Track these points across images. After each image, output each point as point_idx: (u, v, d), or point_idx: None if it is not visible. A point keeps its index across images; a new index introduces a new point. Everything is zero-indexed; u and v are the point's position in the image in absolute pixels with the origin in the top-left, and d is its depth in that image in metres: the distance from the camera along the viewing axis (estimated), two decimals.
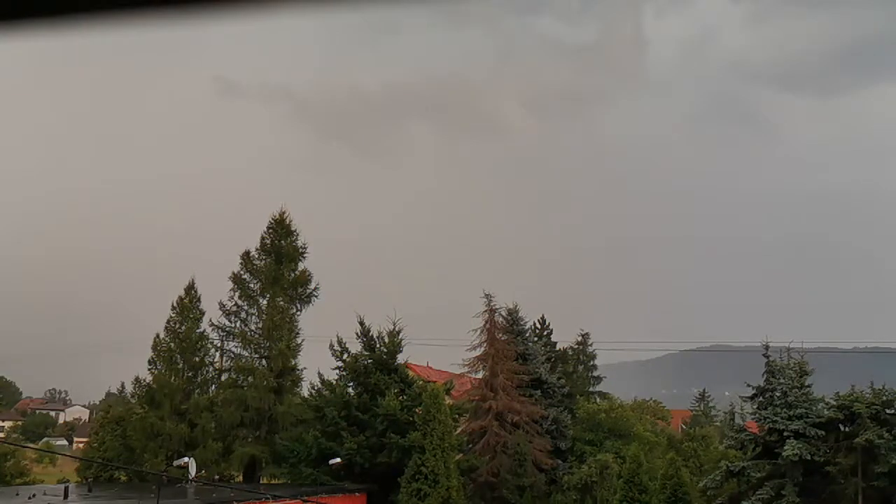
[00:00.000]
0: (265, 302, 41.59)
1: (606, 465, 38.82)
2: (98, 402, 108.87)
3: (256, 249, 42.24)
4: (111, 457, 40.70)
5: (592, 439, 44.73)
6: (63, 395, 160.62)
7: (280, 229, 42.49)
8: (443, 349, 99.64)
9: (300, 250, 42.57)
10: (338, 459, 35.51)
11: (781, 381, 35.05)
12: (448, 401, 37.75)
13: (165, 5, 2.14)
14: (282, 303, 41.55)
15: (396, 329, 39.71)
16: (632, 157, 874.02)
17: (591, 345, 58.19)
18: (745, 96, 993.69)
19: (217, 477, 38.95)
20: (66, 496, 30.74)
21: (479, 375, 43.09)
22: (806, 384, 35.17)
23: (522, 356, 44.28)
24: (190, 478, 34.11)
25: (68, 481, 37.69)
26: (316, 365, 41.93)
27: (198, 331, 41.51)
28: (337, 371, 40.44)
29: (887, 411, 33.05)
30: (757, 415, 35.81)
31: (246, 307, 41.70)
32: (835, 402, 33.94)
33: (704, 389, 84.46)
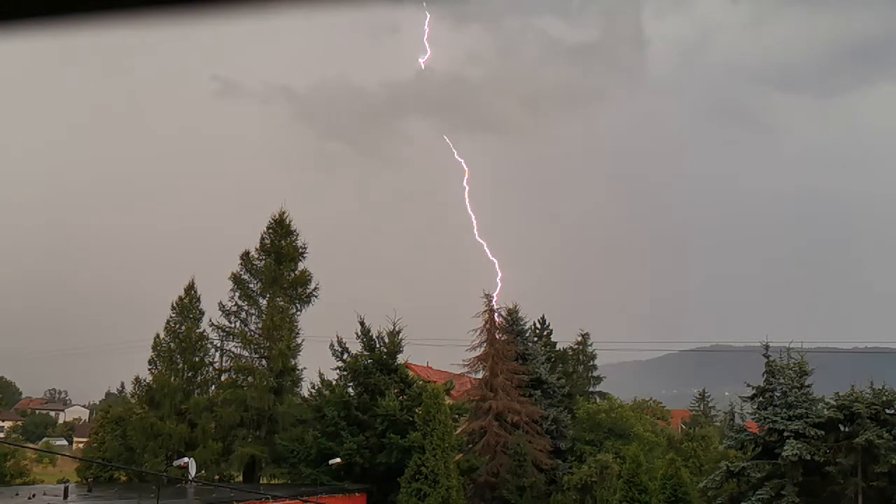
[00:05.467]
0: (265, 302, 41.54)
1: (606, 466, 38.80)
2: (98, 402, 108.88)
3: (256, 249, 42.22)
4: (111, 457, 40.68)
5: (592, 439, 44.70)
6: (63, 395, 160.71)
7: (280, 229, 42.44)
8: (443, 349, 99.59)
9: (300, 250, 42.53)
10: (338, 459, 35.50)
11: (781, 381, 35.02)
12: (448, 401, 37.71)
13: (165, 5, 2.14)
14: (282, 303, 41.49)
15: (396, 329, 39.77)
16: (632, 157, 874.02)
17: (591, 345, 58.13)
18: (745, 96, 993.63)
19: (217, 477, 38.93)
20: (65, 496, 30.72)
21: (479, 375, 43.09)
22: (806, 384, 35.14)
23: (522, 356, 44.27)
24: (190, 478, 34.10)
25: (68, 481, 37.57)
26: (316, 365, 41.98)
27: (198, 331, 41.49)
28: (337, 371, 40.46)
29: (887, 411, 33.03)
30: (757, 415, 35.77)
31: (246, 307, 41.66)
32: (835, 402, 33.90)
33: (704, 389, 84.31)
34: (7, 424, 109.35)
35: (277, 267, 41.51)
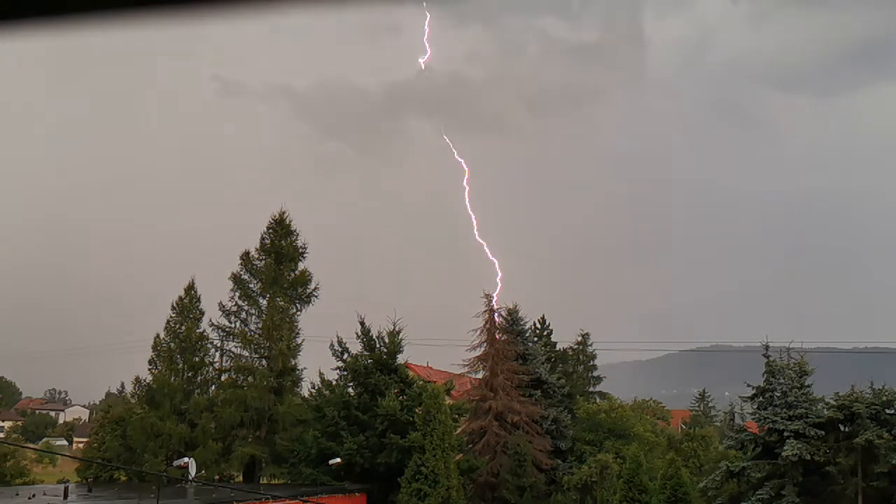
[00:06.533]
0: (265, 302, 41.54)
1: (606, 465, 38.79)
2: (98, 402, 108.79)
3: (256, 249, 42.23)
4: (111, 457, 40.66)
5: (592, 439, 44.69)
6: (63, 395, 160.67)
7: (280, 229, 42.44)
8: (443, 349, 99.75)
9: (300, 250, 42.54)
10: (338, 459, 35.49)
11: (781, 381, 35.04)
12: (448, 401, 37.72)
13: (165, 5, 2.14)
14: (282, 303, 41.49)
15: (396, 329, 39.72)
16: (632, 157, 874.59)
17: (591, 345, 58.22)
18: (745, 96, 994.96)
19: (217, 477, 38.92)
20: (65, 496, 30.71)
21: (479, 375, 43.07)
22: (806, 384, 35.16)
23: (522, 356, 44.25)
24: (190, 478, 34.09)
25: (68, 481, 37.56)
26: (316, 365, 41.97)
27: (198, 331, 41.49)
28: (337, 371, 40.44)
29: (887, 411, 33.06)
30: (757, 415, 35.80)
31: (246, 307, 41.66)
32: (835, 402, 33.92)
33: (704, 389, 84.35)
34: (7, 424, 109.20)
35: (277, 267, 41.51)
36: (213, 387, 42.35)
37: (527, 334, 47.37)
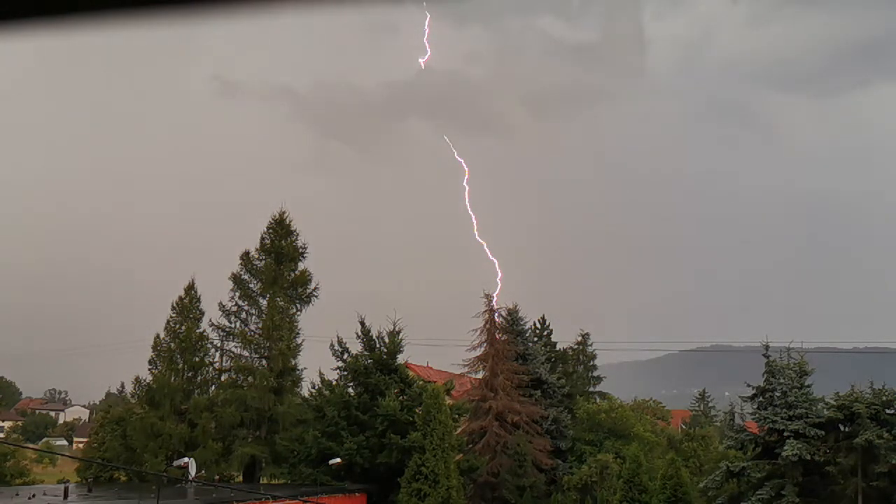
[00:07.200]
0: (265, 302, 41.55)
1: (606, 465, 38.82)
2: (98, 402, 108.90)
3: (256, 249, 42.26)
4: (111, 457, 40.66)
5: (592, 439, 44.71)
6: (63, 395, 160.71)
7: (280, 229, 42.45)
8: (443, 349, 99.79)
9: (300, 250, 42.55)
10: (338, 459, 35.49)
11: (781, 381, 35.03)
12: (448, 401, 37.69)
13: (165, 5, 2.14)
14: (282, 303, 41.50)
15: (396, 329, 39.72)
16: (632, 157, 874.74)
17: (591, 345, 58.13)
18: (745, 96, 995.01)
19: (217, 477, 38.91)
20: (65, 496, 30.70)
21: (479, 375, 43.08)
22: (806, 384, 35.15)
23: (522, 356, 44.26)
24: (190, 478, 34.08)
25: (68, 481, 37.58)
26: (316, 365, 41.98)
27: (198, 331, 41.48)
28: (337, 371, 40.43)
29: (887, 411, 33.03)
30: (757, 415, 35.78)
31: (246, 307, 41.68)
32: (835, 402, 33.91)
33: (704, 389, 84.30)
34: (7, 424, 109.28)
35: (277, 267, 41.52)
36: (213, 387, 42.33)
37: (527, 334, 47.39)
